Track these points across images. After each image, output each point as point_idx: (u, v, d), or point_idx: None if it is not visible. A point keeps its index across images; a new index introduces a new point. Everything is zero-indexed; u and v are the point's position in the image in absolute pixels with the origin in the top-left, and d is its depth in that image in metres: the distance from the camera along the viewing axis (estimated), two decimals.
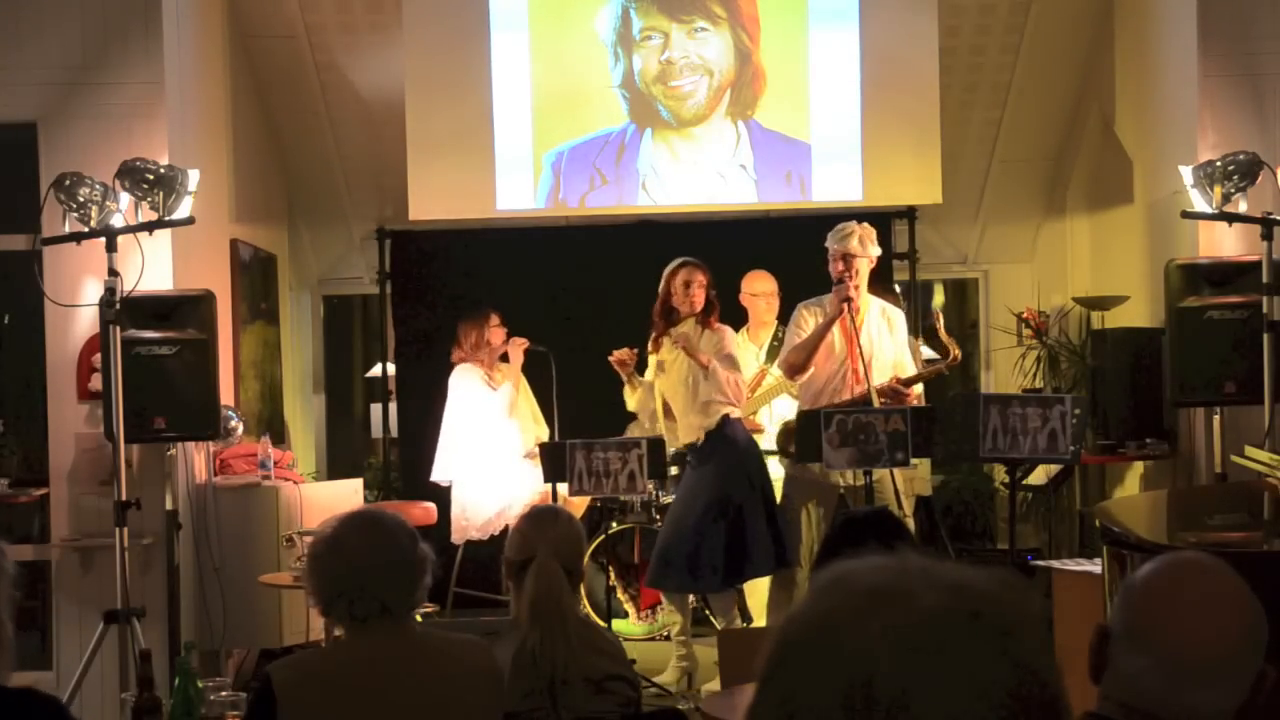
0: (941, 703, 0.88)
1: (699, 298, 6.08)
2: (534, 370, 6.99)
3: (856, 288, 5.82)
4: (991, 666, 0.90)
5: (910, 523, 5.87)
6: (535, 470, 6.46)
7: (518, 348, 6.78)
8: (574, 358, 6.94)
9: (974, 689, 0.89)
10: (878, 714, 0.89)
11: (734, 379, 6.02)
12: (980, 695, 0.89)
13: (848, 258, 5.81)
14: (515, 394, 6.87)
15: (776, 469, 6.32)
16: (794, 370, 5.91)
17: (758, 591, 6.45)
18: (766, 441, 6.49)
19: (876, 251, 5.93)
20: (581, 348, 6.95)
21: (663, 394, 6.21)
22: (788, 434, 6.08)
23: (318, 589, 2.74)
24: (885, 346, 5.94)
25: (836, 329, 5.86)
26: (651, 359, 6.25)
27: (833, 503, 5.87)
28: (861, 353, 5.74)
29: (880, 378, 5.82)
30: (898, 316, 6.07)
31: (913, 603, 0.92)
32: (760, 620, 6.44)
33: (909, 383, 5.90)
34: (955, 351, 5.97)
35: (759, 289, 6.78)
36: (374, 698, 2.64)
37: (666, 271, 6.17)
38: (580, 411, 6.89)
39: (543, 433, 6.92)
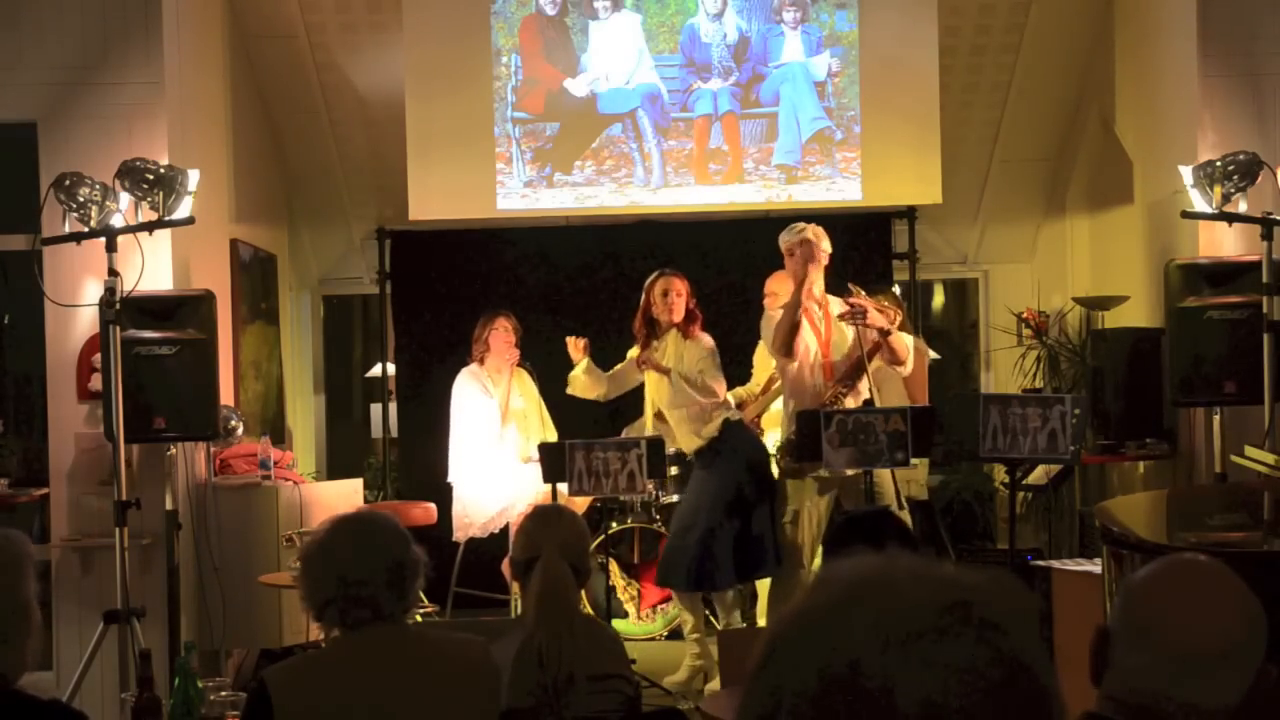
0: (924, 690, 0.88)
1: (678, 307, 6.13)
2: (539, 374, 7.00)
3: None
4: (976, 656, 0.90)
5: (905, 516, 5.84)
6: (537, 470, 6.46)
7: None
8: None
9: (958, 678, 0.89)
10: (860, 701, 0.88)
11: (704, 382, 6.05)
12: (964, 684, 0.89)
13: (804, 245, 5.72)
14: (508, 398, 6.84)
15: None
16: (786, 348, 5.77)
17: (758, 593, 6.45)
18: (770, 444, 6.46)
19: (829, 248, 5.87)
20: None
21: (654, 401, 6.27)
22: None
23: (309, 595, 2.73)
24: (845, 334, 5.87)
25: (808, 332, 5.80)
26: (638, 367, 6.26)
27: (830, 503, 5.86)
28: (860, 352, 5.69)
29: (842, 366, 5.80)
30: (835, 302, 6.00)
31: (898, 594, 0.92)
32: (762, 621, 6.44)
33: (868, 357, 5.82)
34: (894, 313, 5.83)
35: (772, 288, 6.66)
36: (370, 699, 2.64)
37: (647, 282, 6.24)
38: (581, 412, 6.88)
39: (550, 436, 6.91)
